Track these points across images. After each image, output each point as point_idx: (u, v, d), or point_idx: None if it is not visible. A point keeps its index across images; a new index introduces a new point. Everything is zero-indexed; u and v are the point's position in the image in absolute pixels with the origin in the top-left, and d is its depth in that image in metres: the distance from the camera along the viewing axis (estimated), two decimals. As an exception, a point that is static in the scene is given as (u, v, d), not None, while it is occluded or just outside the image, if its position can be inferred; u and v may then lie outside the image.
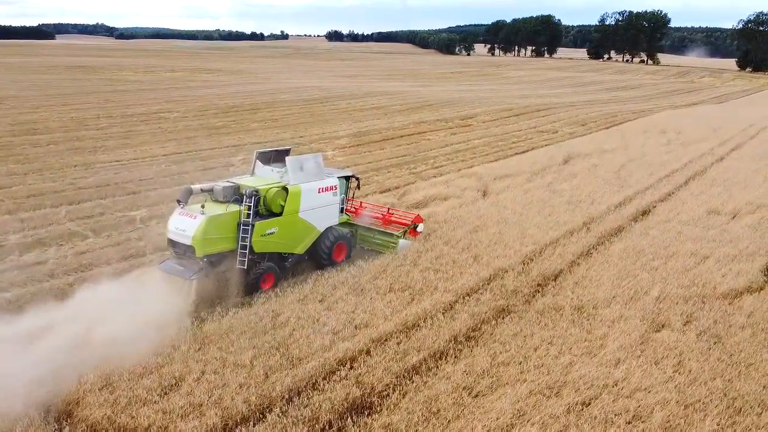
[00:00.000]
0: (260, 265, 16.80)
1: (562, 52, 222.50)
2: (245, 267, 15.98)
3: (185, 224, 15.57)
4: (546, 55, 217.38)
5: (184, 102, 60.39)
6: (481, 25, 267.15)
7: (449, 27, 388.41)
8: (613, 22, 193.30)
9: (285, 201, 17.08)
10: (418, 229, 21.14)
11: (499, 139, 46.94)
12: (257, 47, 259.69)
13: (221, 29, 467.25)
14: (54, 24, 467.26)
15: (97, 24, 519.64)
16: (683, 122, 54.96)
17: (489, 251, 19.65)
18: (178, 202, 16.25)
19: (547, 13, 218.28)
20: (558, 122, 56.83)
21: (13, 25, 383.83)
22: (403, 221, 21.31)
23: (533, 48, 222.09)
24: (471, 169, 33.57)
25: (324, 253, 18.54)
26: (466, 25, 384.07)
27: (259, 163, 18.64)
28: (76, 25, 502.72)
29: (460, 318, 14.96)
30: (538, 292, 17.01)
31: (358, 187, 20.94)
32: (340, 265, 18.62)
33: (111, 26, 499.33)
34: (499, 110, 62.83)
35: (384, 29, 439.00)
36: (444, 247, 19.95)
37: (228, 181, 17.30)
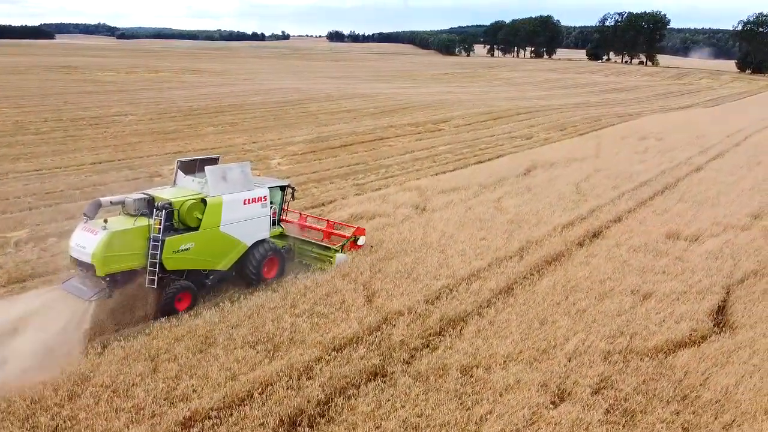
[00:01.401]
0: (174, 284, 15.37)
1: (561, 53, 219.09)
2: (155, 286, 14.74)
3: (86, 240, 14.26)
4: (545, 56, 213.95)
5: (147, 104, 57.64)
6: (483, 26, 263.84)
7: (451, 28, 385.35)
8: (612, 23, 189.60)
9: (203, 214, 15.70)
10: (359, 242, 19.66)
11: (467, 145, 43.91)
12: (255, 48, 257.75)
13: (223, 29, 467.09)
14: (56, 24, 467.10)
15: (99, 24, 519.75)
16: (667, 127, 51.80)
17: (391, 288, 16.66)
18: (85, 216, 14.84)
19: (547, 14, 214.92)
20: (536, 127, 53.75)
21: (14, 24, 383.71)
22: (343, 234, 19.80)
23: (532, 49, 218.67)
24: (418, 181, 30.57)
25: (252, 270, 17.16)
26: (468, 26, 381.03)
27: (180, 173, 17.20)
28: (77, 25, 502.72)
29: (311, 386, 11.92)
30: (429, 345, 13.99)
31: (293, 197, 19.47)
32: (271, 282, 17.22)
33: (113, 26, 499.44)
34: (477, 113, 59.81)
35: (386, 30, 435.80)
36: (339, 282, 16.98)
37: (143, 193, 15.91)
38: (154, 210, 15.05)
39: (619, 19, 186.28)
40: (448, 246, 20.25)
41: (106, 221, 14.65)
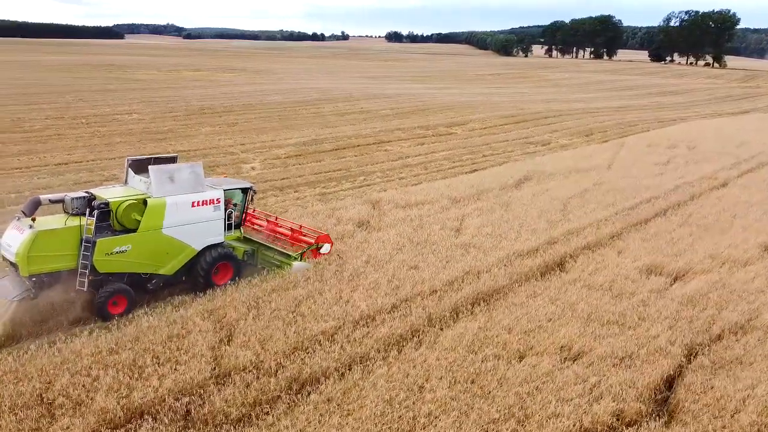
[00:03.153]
0: (108, 286, 14.69)
1: (623, 54, 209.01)
2: (84, 289, 14.18)
3: (13, 239, 13.92)
4: (605, 57, 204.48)
5: (158, 103, 56.47)
6: (543, 26, 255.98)
7: (512, 28, 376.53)
8: (678, 23, 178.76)
9: (141, 215, 15.03)
10: (323, 250, 18.23)
11: (471, 151, 40.19)
12: (312, 48, 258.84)
13: (286, 30, 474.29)
14: (128, 24, 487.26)
15: (168, 24, 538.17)
16: (707, 134, 46.24)
17: (258, 331, 13.56)
18: (23, 213, 14.36)
19: (608, 14, 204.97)
20: (559, 132, 49.28)
21: (87, 25, 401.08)
22: (306, 240, 18.44)
23: (591, 50, 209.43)
24: (384, 192, 27.27)
25: (200, 275, 16.29)
26: (528, 26, 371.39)
27: (131, 172, 16.51)
28: (148, 25, 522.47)
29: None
30: (246, 419, 10.83)
31: (252, 199, 18.36)
32: (222, 287, 16.08)
33: (180, 26, 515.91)
34: (499, 116, 55.68)
35: (444, 30, 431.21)
36: (198, 321, 14.00)
37: (85, 192, 15.39)
38: (86, 210, 14.46)
39: (685, 19, 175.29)
40: (366, 275, 16.96)
41: (34, 220, 14.11)
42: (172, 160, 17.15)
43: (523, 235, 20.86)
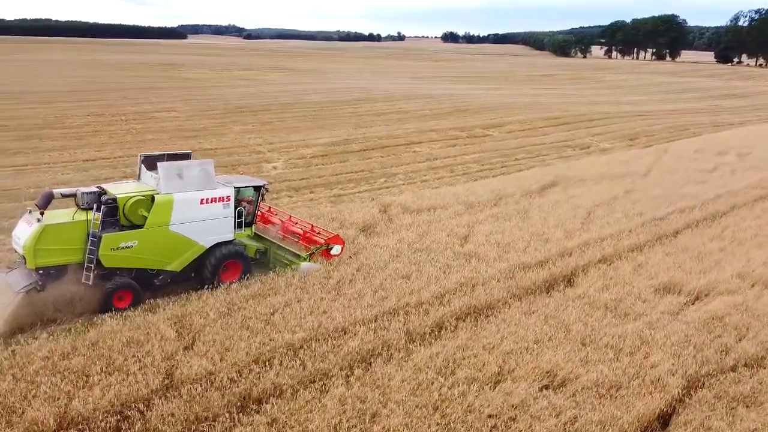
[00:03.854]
0: (114, 280, 14.73)
1: (687, 55, 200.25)
2: (90, 283, 14.20)
3: (23, 232, 14.12)
4: (668, 58, 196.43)
5: (198, 101, 57.16)
6: (603, 26, 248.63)
7: (571, 29, 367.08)
8: (747, 23, 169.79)
9: (149, 211, 14.96)
10: (333, 251, 17.74)
11: (503, 154, 38.68)
12: (366, 48, 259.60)
13: (343, 30, 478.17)
14: (192, 25, 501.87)
15: (230, 25, 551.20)
16: (763, 141, 43.01)
17: (221, 340, 12.87)
18: (37, 207, 14.46)
19: (672, 13, 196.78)
20: (602, 135, 47.02)
21: (153, 25, 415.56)
22: (317, 240, 17.96)
23: (653, 51, 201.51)
24: (399, 196, 26.27)
25: (207, 272, 16.10)
26: (588, 27, 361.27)
27: (144, 168, 16.48)
28: (210, 26, 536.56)
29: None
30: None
31: (263, 197, 18.04)
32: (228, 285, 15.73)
33: (241, 27, 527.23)
34: (540, 118, 53.66)
35: (502, 31, 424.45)
36: (163, 327, 13.41)
37: (97, 187, 15.46)
38: (95, 205, 14.53)
39: (755, 18, 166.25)
40: (353, 284, 16.06)
41: (42, 214, 14.17)
42: (186, 156, 16.99)
43: (534, 246, 19.48)
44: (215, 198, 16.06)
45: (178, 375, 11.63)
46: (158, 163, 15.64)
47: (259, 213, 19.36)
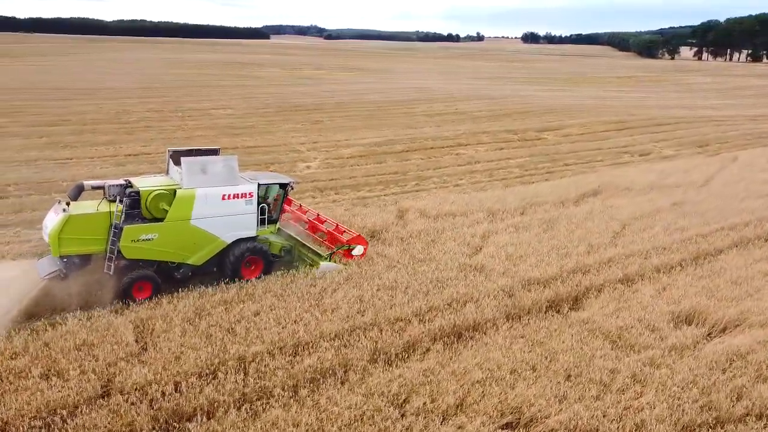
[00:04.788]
0: (135, 272, 14.93)
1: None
2: (111, 272, 14.47)
3: (50, 221, 14.49)
4: (765, 60, 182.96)
5: (256, 99, 57.93)
6: (693, 26, 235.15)
7: (660, 29, 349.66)
8: None
9: (170, 205, 15.13)
10: (354, 252, 17.39)
11: (552, 159, 36.56)
12: (442, 48, 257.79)
13: (420, 31, 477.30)
14: (275, 26, 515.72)
15: (311, 26, 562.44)
16: None
17: (160, 346, 12.30)
18: (69, 197, 15.02)
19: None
20: (667, 141, 43.71)
21: (240, 26, 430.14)
22: (338, 240, 17.66)
23: (749, 52, 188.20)
24: (421, 200, 25.02)
25: (228, 268, 16.10)
26: (679, 27, 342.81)
27: (171, 162, 16.64)
28: (293, 26, 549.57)
29: None
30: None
31: (286, 194, 17.89)
32: (251, 282, 15.57)
33: (323, 28, 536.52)
34: (603, 122, 50.66)
35: (585, 31, 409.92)
36: (123, 329, 12.95)
37: (124, 180, 15.79)
38: (118, 197, 14.81)
39: None
40: (334, 294, 15.11)
41: (68, 204, 14.60)
42: (214, 152, 16.96)
43: (548, 260, 17.83)
44: (238, 194, 15.99)
45: (117, 383, 11.10)
46: (182, 158, 15.73)
47: (291, 210, 19.84)
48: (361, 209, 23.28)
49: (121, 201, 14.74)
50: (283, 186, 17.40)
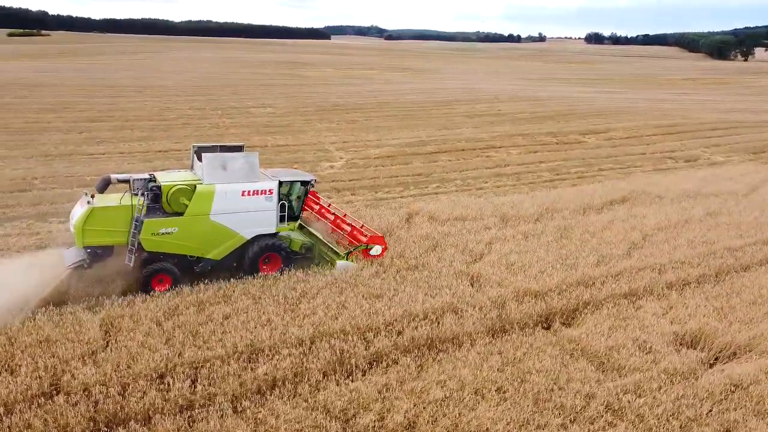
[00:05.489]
0: (154, 264, 15.30)
1: None
2: (131, 264, 14.88)
3: (76, 213, 14.98)
4: None
5: (298, 99, 58.16)
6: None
7: (735, 29, 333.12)
8: None
9: (190, 200, 15.39)
10: (373, 251, 17.23)
11: (587, 163, 34.92)
12: (501, 49, 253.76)
13: (481, 31, 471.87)
14: (337, 26, 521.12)
15: (371, 26, 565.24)
16: None
17: (120, 346, 12.06)
18: (96, 190, 15.54)
19: None
20: (719, 147, 41.10)
21: (303, 27, 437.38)
22: (357, 239, 17.54)
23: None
24: (433, 203, 24.16)
25: (247, 263, 16.34)
26: (756, 27, 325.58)
27: (195, 158, 16.94)
28: (353, 27, 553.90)
29: None
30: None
31: (307, 192, 17.95)
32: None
33: (383, 28, 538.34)
34: (654, 126, 48.23)
35: (653, 32, 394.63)
36: (79, 329, 12.81)
37: (149, 174, 16.09)
38: (140, 191, 15.19)
39: None
40: (312, 300, 14.57)
41: (92, 197, 14.97)
42: (238, 149, 17.09)
43: (551, 271, 16.73)
44: (257, 191, 16.14)
45: (64, 382, 10.91)
46: (203, 154, 15.92)
47: (316, 208, 19.94)
48: (371, 211, 22.65)
49: (143, 195, 15.10)
50: (304, 183, 17.47)
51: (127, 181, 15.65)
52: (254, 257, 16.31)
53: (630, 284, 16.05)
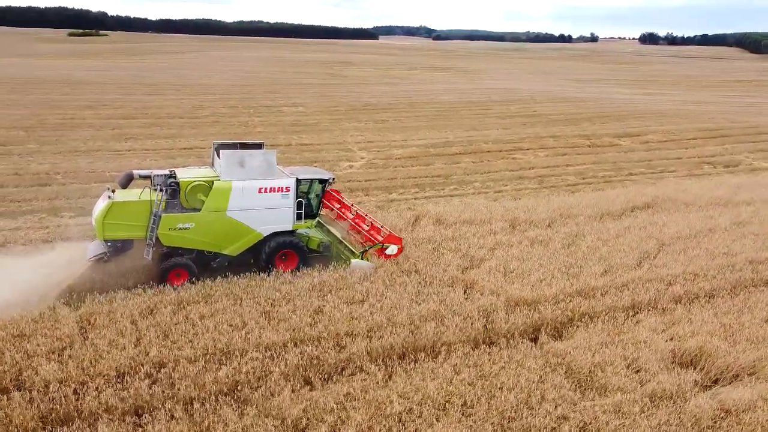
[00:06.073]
0: (172, 259, 15.58)
1: None
2: (149, 258, 15.18)
3: (98, 207, 15.33)
4: None
5: (330, 98, 58.16)
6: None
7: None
8: None
9: (207, 196, 15.57)
10: (388, 251, 17.00)
11: (617, 167, 33.54)
12: (550, 49, 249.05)
13: (531, 31, 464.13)
14: (385, 26, 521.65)
15: (420, 26, 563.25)
16: None
17: (84, 345, 11.97)
18: (119, 185, 15.98)
19: None
20: (766, 152, 38.87)
21: (349, 26, 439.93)
22: (373, 238, 17.46)
23: None
24: (441, 206, 23.54)
25: (262, 260, 16.40)
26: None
27: (215, 155, 17.07)
28: (402, 27, 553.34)
29: None
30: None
31: (325, 190, 17.96)
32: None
33: (432, 28, 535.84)
34: (696, 129, 46.12)
35: (712, 31, 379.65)
36: (52, 326, 12.79)
37: (170, 170, 16.31)
38: (159, 187, 15.32)
39: None
40: (288, 303, 14.23)
41: (113, 191, 15.31)
42: (258, 146, 17.21)
43: (550, 279, 15.94)
44: (274, 188, 16.17)
45: (25, 377, 10.87)
46: (221, 151, 16.09)
47: (338, 207, 19.92)
48: (379, 212, 22.21)
49: (162, 190, 15.24)
50: (322, 182, 17.41)
51: (148, 177, 15.88)
52: (270, 254, 16.34)
53: (634, 296, 15.09)
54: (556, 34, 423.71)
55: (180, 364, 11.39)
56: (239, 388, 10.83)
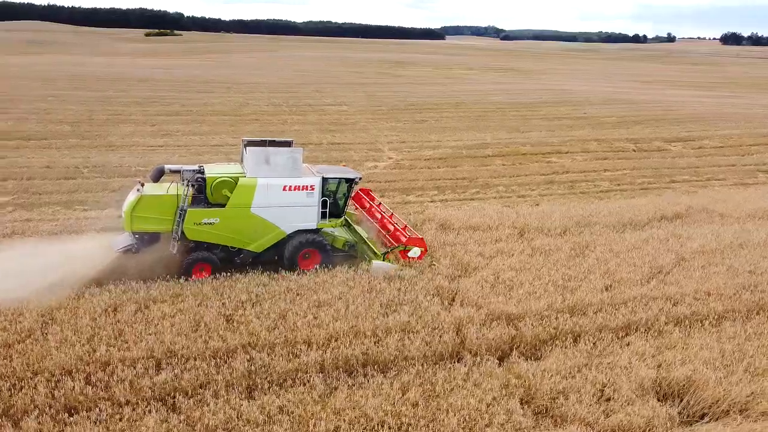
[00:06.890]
0: (195, 253, 15.83)
1: None
2: (175, 251, 15.53)
3: (128, 199, 15.69)
4: None
5: (375, 98, 57.69)
6: None
7: None
8: None
9: (232, 192, 15.78)
10: (411, 253, 16.85)
11: (658, 173, 31.45)
12: (624, 50, 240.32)
13: (604, 31, 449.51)
14: (453, 26, 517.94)
15: (489, 26, 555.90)
16: None
17: (61, 338, 11.91)
18: (151, 179, 16.39)
19: None
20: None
21: (417, 27, 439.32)
22: (397, 240, 17.36)
23: None
24: (449, 210, 22.57)
25: (285, 257, 16.49)
26: None
27: (245, 151, 17.19)
28: (470, 27, 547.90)
29: None
30: None
31: (351, 189, 17.90)
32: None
33: (500, 28, 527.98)
34: (758, 135, 42.89)
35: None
36: (39, 319, 12.82)
37: (199, 166, 16.62)
38: (186, 182, 15.65)
39: None
40: (260, 306, 13.81)
41: (143, 185, 15.70)
42: (287, 144, 17.28)
43: (542, 292, 14.84)
44: (299, 186, 16.22)
45: (-29, 373, 10.87)
46: (247, 148, 16.32)
47: (367, 206, 19.86)
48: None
49: (189, 185, 15.54)
50: (348, 181, 17.33)
51: (178, 172, 16.14)
52: (293, 252, 16.36)
53: (631, 316, 13.81)
54: (631, 34, 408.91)
55: (125, 364, 11.14)
56: (171, 395, 10.45)
